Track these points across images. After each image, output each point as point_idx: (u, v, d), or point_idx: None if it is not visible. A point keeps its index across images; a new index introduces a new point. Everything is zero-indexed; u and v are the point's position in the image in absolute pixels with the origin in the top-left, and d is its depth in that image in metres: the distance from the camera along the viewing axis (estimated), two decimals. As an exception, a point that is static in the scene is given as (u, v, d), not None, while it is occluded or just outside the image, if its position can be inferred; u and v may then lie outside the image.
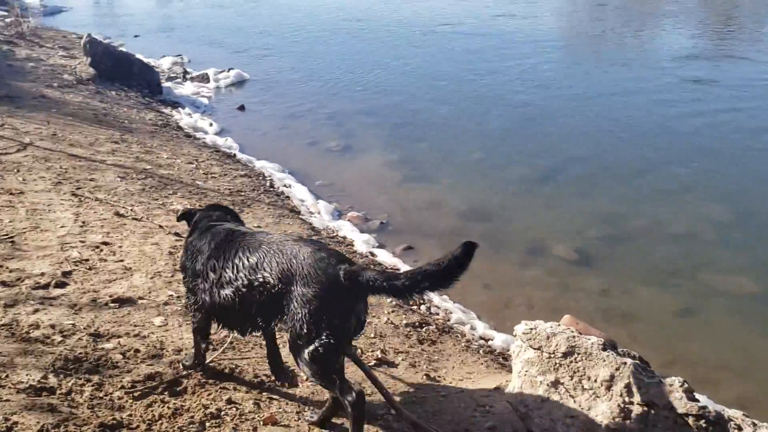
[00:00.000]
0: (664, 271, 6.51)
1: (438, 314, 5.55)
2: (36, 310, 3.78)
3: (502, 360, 4.78)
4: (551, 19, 19.40)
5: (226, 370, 3.53)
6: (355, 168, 9.00)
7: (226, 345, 3.72)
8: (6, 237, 4.70)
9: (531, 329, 3.21)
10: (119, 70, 12.07)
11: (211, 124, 10.55)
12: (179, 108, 11.49)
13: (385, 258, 6.56)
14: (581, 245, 6.92)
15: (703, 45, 16.16)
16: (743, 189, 8.19)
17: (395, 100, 11.94)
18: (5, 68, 10.70)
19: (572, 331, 3.14)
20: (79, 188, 6.07)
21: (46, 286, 4.09)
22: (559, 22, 19.40)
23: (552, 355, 3.12)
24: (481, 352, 4.83)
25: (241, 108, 11.71)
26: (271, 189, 7.88)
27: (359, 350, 4.11)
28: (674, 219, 7.46)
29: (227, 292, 3.01)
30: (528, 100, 11.71)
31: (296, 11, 21.17)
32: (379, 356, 4.13)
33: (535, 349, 3.19)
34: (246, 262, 2.98)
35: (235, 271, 3.00)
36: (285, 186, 8.16)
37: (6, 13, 16.54)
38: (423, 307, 5.56)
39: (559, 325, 3.23)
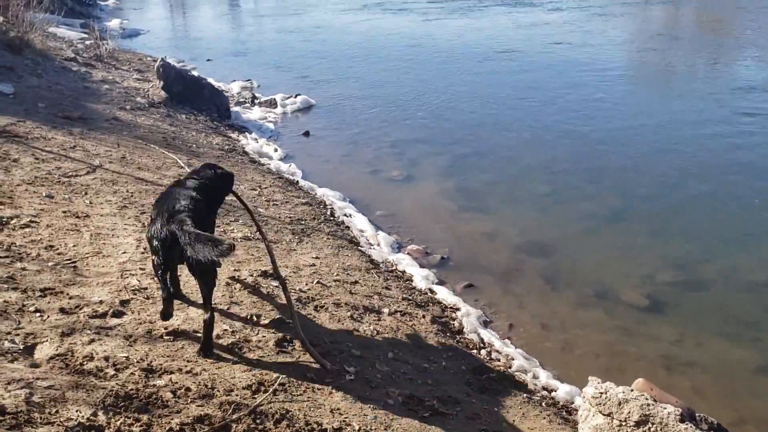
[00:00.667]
0: (741, 323, 6.11)
1: (499, 360, 5.33)
2: (92, 341, 3.75)
3: (565, 414, 4.53)
4: (614, 48, 18.91)
5: (276, 415, 3.41)
6: (417, 198, 8.87)
7: (275, 386, 3.61)
8: (69, 262, 4.73)
9: (601, 393, 2.98)
10: (190, 94, 12.32)
11: (276, 150, 10.63)
12: (246, 133, 11.62)
13: (445, 296, 6.38)
14: (652, 291, 6.58)
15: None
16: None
17: (458, 129, 11.79)
18: (81, 90, 11.05)
19: (646, 398, 2.90)
20: (144, 213, 6.11)
21: (103, 315, 4.07)
22: (622, 51, 18.89)
23: (623, 423, 2.89)
24: (543, 404, 4.58)
25: (306, 134, 11.77)
26: (332, 218, 7.82)
27: (416, 398, 3.94)
28: (754, 266, 7.03)
29: None
30: (594, 132, 11.37)
31: (361, 38, 21.33)
32: (435, 405, 3.94)
33: (604, 415, 2.96)
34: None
35: None
36: (345, 215, 8.08)
37: (86, 35, 17.19)
38: (483, 352, 5.34)
39: (632, 390, 3.00)
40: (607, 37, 20.56)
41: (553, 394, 4.91)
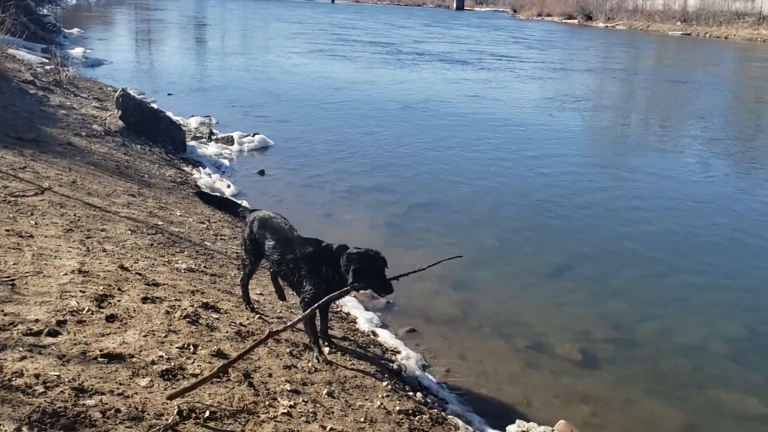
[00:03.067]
0: (669, 383, 6.30)
1: (434, 403, 5.39)
2: (23, 357, 3.70)
3: (494, 459, 4.60)
4: (579, 112, 19.67)
5: (206, 441, 3.41)
6: (368, 244, 8.93)
7: (206, 414, 3.60)
8: (7, 279, 4.67)
9: (523, 431, 3.08)
10: (148, 126, 12.33)
11: (228, 186, 10.66)
12: (200, 167, 11.64)
13: (387, 339, 6.44)
14: (586, 346, 6.76)
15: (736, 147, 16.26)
16: (759, 303, 8.03)
17: (414, 180, 12.05)
18: (37, 113, 10.96)
19: (566, 439, 3.01)
20: (89, 237, 6.07)
21: (38, 334, 4.02)
22: (587, 114, 19.66)
23: (543, 463, 2.98)
24: (473, 448, 4.66)
25: (261, 173, 11.84)
26: (280, 257, 7.85)
27: (346, 434, 3.98)
28: (684, 328, 7.29)
29: None
30: (544, 193, 11.74)
31: (318, 82, 21.83)
32: (366, 443, 3.98)
33: (526, 453, 3.06)
34: None
35: None
36: (294, 255, 8.12)
37: (47, 61, 17.10)
38: (419, 394, 5.40)
39: (553, 430, 3.10)
40: (561, 97, 21.37)
41: (484, 439, 4.99)
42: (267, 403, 4.05)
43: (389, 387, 5.04)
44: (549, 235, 9.82)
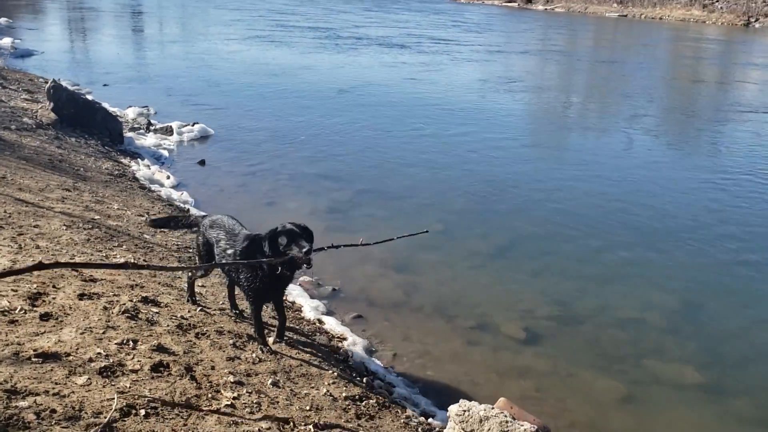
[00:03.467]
0: (609, 356, 6.50)
1: (381, 387, 5.42)
2: (-49, 361, 3.57)
3: (440, 439, 4.65)
4: (517, 94, 19.93)
5: (147, 438, 3.35)
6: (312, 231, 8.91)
7: (147, 409, 3.54)
8: (-68, 281, 4.49)
9: (464, 411, 3.13)
10: (82, 118, 11.97)
11: (168, 177, 10.46)
12: (138, 159, 11.38)
13: (333, 326, 6.45)
14: (529, 325, 6.89)
15: (669, 126, 16.72)
16: (692, 276, 8.31)
17: (361, 167, 12.03)
18: (-37, 106, 10.53)
19: (506, 416, 3.07)
20: (21, 234, 5.88)
21: (-34, 336, 3.88)
22: (526, 96, 19.93)
23: (484, 440, 3.04)
24: (419, 430, 4.70)
25: (202, 163, 11.65)
26: (223, 247, 7.74)
27: (292, 423, 3.97)
28: (622, 303, 7.51)
29: None
30: (487, 175, 11.88)
31: (256, 69, 21.58)
32: (311, 430, 3.98)
33: (467, 432, 3.11)
34: None
35: None
36: (237, 245, 8.03)
37: (-28, 52, 16.42)
38: (366, 379, 5.42)
39: (493, 408, 3.16)
40: (509, 79, 21.61)
41: (430, 420, 5.03)
42: (210, 395, 4.00)
43: (335, 374, 5.05)
44: (491, 216, 9.96)
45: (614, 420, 5.58)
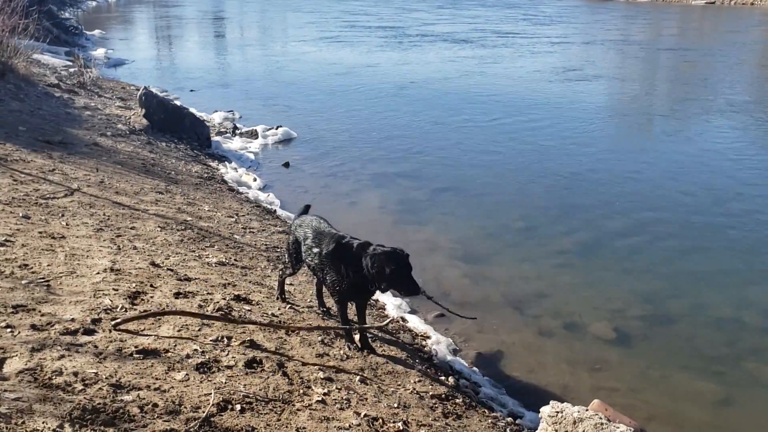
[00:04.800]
0: (705, 357, 6.25)
1: (467, 387, 5.40)
2: (62, 356, 3.78)
3: (529, 440, 4.60)
4: (593, 85, 19.42)
5: (242, 431, 3.46)
6: (394, 232, 8.99)
7: (242, 404, 3.65)
8: (43, 280, 4.77)
9: (557, 412, 3.08)
10: (171, 123, 12.44)
11: (255, 180, 10.74)
12: (226, 162, 11.74)
13: (417, 324, 6.47)
14: (619, 324, 6.71)
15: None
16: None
17: (439, 165, 12.01)
18: (63, 116, 11.12)
19: (601, 417, 3.00)
20: (119, 236, 6.17)
21: (74, 333, 4.10)
22: (602, 88, 19.40)
23: (578, 442, 2.99)
24: (508, 430, 4.66)
25: (286, 165, 11.90)
26: (308, 247, 7.89)
27: (381, 420, 4.01)
28: (718, 302, 7.21)
29: None
30: (569, 169, 11.64)
31: (349, 74, 21.70)
32: (401, 428, 4.00)
33: (560, 433, 3.06)
34: None
35: None
36: (322, 245, 8.16)
37: (71, 63, 17.31)
38: (451, 379, 5.41)
39: (587, 409, 3.10)
40: (589, 74, 21.10)
41: (518, 421, 4.98)
42: (301, 391, 4.09)
43: (421, 372, 5.07)
44: (574, 212, 9.74)
45: (711, 422, 5.37)
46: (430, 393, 4.75)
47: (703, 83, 21.39)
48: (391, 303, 6.81)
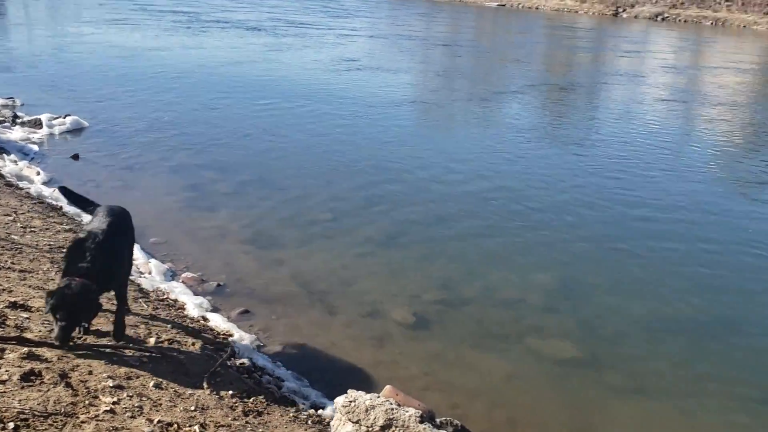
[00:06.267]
0: (493, 336, 6.72)
1: (270, 383, 5.36)
2: None
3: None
4: (399, 77, 20.18)
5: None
6: (195, 226, 8.69)
7: (16, 421, 3.33)
8: None
9: (351, 401, 3.15)
10: (-64, 110, 11.05)
11: (38, 173, 9.84)
12: (4, 154, 10.64)
13: (219, 323, 6.29)
14: (418, 309, 7.01)
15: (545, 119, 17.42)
16: (567, 255, 8.73)
17: (243, 156, 11.82)
18: None
19: (391, 403, 3.11)
20: None
21: None
22: (407, 79, 20.21)
23: (370, 429, 3.07)
24: (309, 422, 4.68)
25: (75, 157, 11.04)
26: (99, 246, 7.38)
27: (176, 425, 3.86)
28: (505, 284, 7.79)
29: None
30: (375, 161, 11.97)
31: (142, 57, 20.74)
32: (197, 431, 3.88)
33: (353, 422, 3.13)
34: None
35: None
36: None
37: None
38: (254, 376, 5.34)
39: (378, 396, 3.20)
40: (385, 63, 21.79)
41: (320, 411, 5.02)
42: (87, 402, 3.82)
43: (222, 372, 4.94)
44: (378, 203, 10.02)
45: (497, 397, 5.77)
46: (231, 392, 4.65)
47: (491, 80, 23.00)
48: (191, 302, 6.57)
